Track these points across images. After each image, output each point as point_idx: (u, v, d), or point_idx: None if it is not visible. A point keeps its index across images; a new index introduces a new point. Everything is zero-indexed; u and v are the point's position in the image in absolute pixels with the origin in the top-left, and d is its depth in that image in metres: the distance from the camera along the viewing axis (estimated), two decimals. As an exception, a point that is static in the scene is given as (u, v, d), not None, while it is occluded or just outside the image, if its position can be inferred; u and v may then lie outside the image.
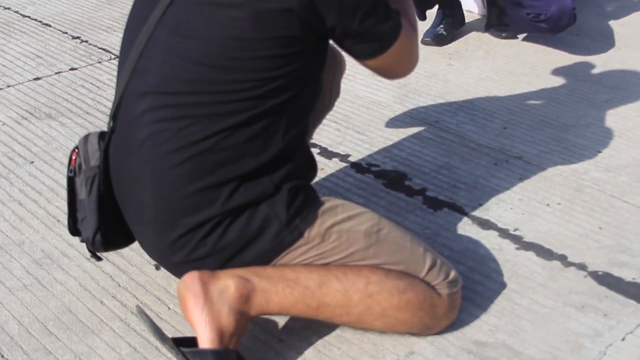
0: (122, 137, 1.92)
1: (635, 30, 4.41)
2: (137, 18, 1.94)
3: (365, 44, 1.89)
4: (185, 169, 1.81)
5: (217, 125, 1.79)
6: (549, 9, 3.66)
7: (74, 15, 4.67)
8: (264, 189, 1.85)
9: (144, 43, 1.86)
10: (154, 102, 1.83)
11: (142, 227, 1.95)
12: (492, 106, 3.43)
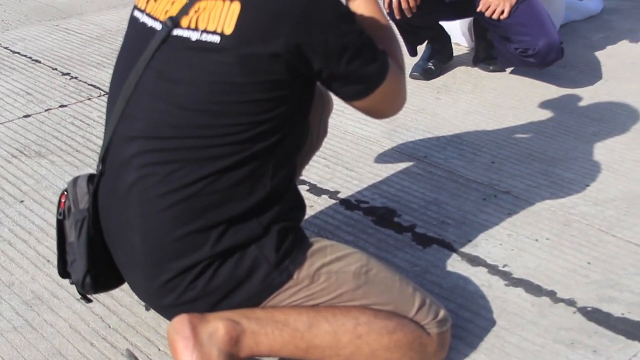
0: (111, 180, 1.93)
1: (621, 62, 4.45)
2: (125, 61, 1.96)
3: (352, 85, 1.89)
4: (173, 213, 1.82)
5: (204, 169, 1.80)
6: (537, 44, 3.69)
7: (63, 51, 4.69)
8: (253, 232, 1.86)
9: (132, 88, 1.88)
10: (142, 147, 1.84)
11: (132, 270, 1.95)
12: (480, 140, 3.45)
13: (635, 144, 3.44)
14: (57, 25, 5.22)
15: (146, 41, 1.87)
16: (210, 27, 1.77)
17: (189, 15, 1.81)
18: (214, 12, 1.77)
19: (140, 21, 1.93)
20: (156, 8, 1.89)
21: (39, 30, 5.11)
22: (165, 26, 1.83)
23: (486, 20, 3.89)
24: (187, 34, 1.80)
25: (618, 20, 5.25)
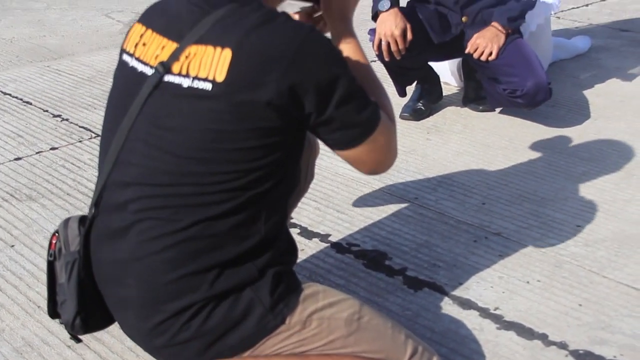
0: (105, 224, 1.92)
1: (610, 100, 4.48)
2: (116, 107, 1.96)
3: (341, 132, 1.87)
4: (168, 256, 1.82)
5: (199, 215, 1.80)
6: (525, 85, 3.71)
7: (54, 92, 4.71)
8: (248, 275, 1.86)
9: (125, 134, 1.88)
10: (137, 193, 1.84)
11: (124, 311, 1.94)
12: (470, 181, 3.46)
13: (625, 183, 3.45)
14: (48, 66, 5.24)
15: (137, 86, 1.86)
16: (201, 74, 1.76)
17: (180, 61, 1.80)
18: (205, 58, 1.77)
19: (130, 65, 1.92)
20: (146, 52, 1.89)
21: (30, 72, 5.12)
22: (156, 72, 1.83)
23: (474, 61, 3.92)
24: (179, 81, 1.79)
25: (606, 58, 5.30)
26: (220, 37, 1.77)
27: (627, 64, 5.17)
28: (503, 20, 3.82)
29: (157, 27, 1.89)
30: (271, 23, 1.77)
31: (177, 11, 1.88)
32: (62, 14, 6.68)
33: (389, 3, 3.76)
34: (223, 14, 1.80)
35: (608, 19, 6.41)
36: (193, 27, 1.81)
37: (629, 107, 4.39)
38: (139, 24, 1.94)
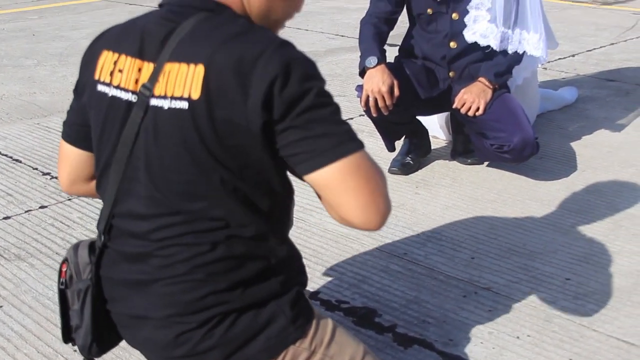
0: (119, 250, 1.89)
1: (598, 151, 4.51)
2: (107, 140, 1.86)
3: (310, 140, 1.68)
4: (196, 277, 1.80)
5: (220, 236, 1.79)
6: (512, 140, 3.73)
7: (44, 150, 4.72)
8: (272, 290, 1.85)
9: (124, 163, 1.83)
10: (154, 224, 1.81)
11: (139, 326, 1.91)
12: (460, 235, 3.47)
13: (613, 235, 3.47)
14: (38, 123, 5.26)
15: (125, 114, 1.82)
16: (177, 92, 1.72)
17: (160, 82, 1.76)
18: (180, 76, 1.73)
19: (110, 95, 1.85)
20: (125, 79, 1.83)
21: (20, 129, 5.13)
22: (141, 96, 1.79)
23: (462, 116, 3.95)
24: (161, 103, 1.75)
25: (593, 109, 5.34)
26: (192, 53, 1.73)
27: (614, 115, 5.22)
28: (490, 76, 3.85)
29: (129, 50, 1.83)
30: (245, 34, 1.74)
31: (145, 29, 1.84)
32: (52, 70, 6.71)
33: (376, 60, 3.80)
34: (193, 25, 1.77)
35: (594, 69, 6.47)
36: (165, 43, 1.78)
37: (616, 158, 4.41)
38: (108, 52, 1.87)
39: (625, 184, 4.05)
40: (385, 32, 4.05)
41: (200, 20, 1.77)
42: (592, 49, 7.26)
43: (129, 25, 1.90)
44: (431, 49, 4.03)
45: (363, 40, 3.96)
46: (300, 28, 8.31)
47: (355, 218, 1.68)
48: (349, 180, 1.66)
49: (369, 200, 1.66)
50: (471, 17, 3.87)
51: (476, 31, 3.86)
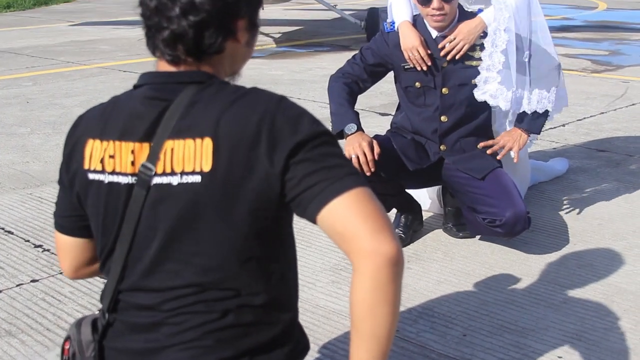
0: (125, 322, 1.88)
1: (589, 224, 4.53)
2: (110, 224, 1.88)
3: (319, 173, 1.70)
4: (206, 343, 1.81)
5: (229, 305, 1.81)
6: (504, 215, 3.76)
7: (36, 221, 4.72)
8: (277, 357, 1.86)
9: (129, 242, 1.84)
10: (164, 297, 1.81)
11: None
12: (451, 312, 3.46)
13: (605, 311, 3.47)
14: (30, 193, 5.26)
15: (125, 198, 1.83)
16: (187, 168, 1.75)
17: (162, 160, 1.77)
18: (188, 151, 1.75)
19: (106, 182, 1.85)
20: (119, 163, 1.84)
21: (13, 199, 5.14)
22: (142, 176, 1.79)
23: (453, 190, 3.98)
24: (168, 180, 1.77)
25: (584, 180, 5.38)
26: (195, 126, 1.76)
27: (604, 186, 5.25)
28: (525, 125, 4.06)
29: (117, 135, 1.84)
30: (242, 98, 1.78)
31: (132, 111, 1.85)
32: (45, 139, 6.73)
33: (355, 126, 3.86)
34: (188, 100, 1.80)
35: (585, 139, 6.53)
36: (160, 122, 1.80)
37: (607, 231, 4.43)
38: (93, 140, 1.87)
39: (616, 257, 4.06)
40: (356, 93, 4.11)
41: (194, 94, 1.80)
42: (583, 118, 7.33)
43: (110, 109, 1.90)
44: (422, 123, 4.07)
45: (336, 100, 4.01)
46: (292, 96, 8.35)
47: (373, 247, 1.63)
48: (363, 207, 1.66)
49: (383, 225, 1.65)
50: (482, 78, 3.93)
51: (486, 91, 3.93)
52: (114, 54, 12.02)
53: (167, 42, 1.81)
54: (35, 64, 11.02)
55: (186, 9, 1.78)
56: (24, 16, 19.61)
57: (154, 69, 1.88)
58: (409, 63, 4.00)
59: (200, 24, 1.79)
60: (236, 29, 1.85)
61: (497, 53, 3.89)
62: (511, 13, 3.89)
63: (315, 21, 17.19)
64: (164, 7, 1.80)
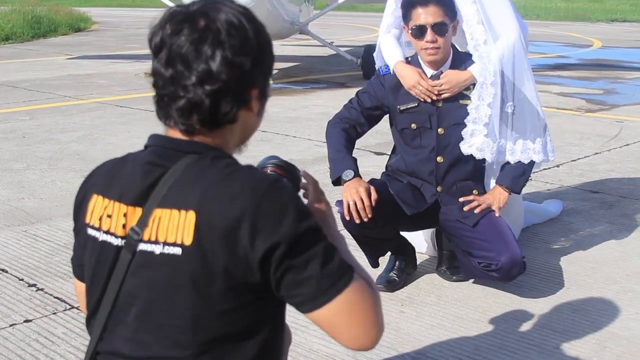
0: None
1: (582, 267, 4.54)
2: (97, 282, 1.90)
3: (306, 286, 1.76)
4: None
5: None
6: (500, 260, 3.77)
7: (31, 260, 4.71)
8: None
9: (110, 305, 1.86)
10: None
11: None
12: (444, 356, 3.47)
13: (597, 356, 3.48)
14: (25, 230, 5.26)
15: (114, 259, 1.85)
16: (170, 238, 1.76)
17: (149, 227, 1.80)
18: (172, 222, 1.77)
19: (100, 240, 1.89)
20: (114, 224, 1.87)
21: (7, 237, 5.14)
22: (130, 241, 1.82)
23: (448, 233, 3.99)
24: (151, 248, 1.79)
25: (578, 222, 5.39)
26: (182, 198, 1.77)
27: (598, 228, 5.27)
28: (506, 182, 4.06)
29: (116, 195, 1.87)
30: (231, 176, 1.79)
31: (132, 174, 1.87)
32: (41, 175, 6.74)
33: (352, 173, 3.87)
34: (181, 170, 1.81)
35: (579, 180, 6.56)
36: (153, 189, 1.82)
37: (600, 275, 4.45)
38: (97, 196, 1.91)
39: (609, 302, 4.07)
40: (354, 138, 4.13)
41: (188, 165, 1.82)
42: (577, 159, 7.37)
43: (117, 167, 1.93)
44: (418, 164, 4.09)
45: (334, 146, 4.02)
46: (288, 135, 8.42)
47: (351, 345, 1.83)
48: (344, 316, 1.78)
49: (361, 332, 1.80)
50: (468, 131, 3.95)
51: (472, 144, 3.95)
52: (112, 88, 12.08)
53: (183, 112, 1.83)
54: (32, 97, 11.07)
55: (203, 77, 1.80)
56: (22, 48, 19.70)
57: (164, 130, 1.91)
58: (404, 105, 4.03)
59: (216, 93, 1.81)
60: (250, 98, 1.88)
61: (484, 106, 3.93)
62: (496, 67, 3.93)
63: (312, 57, 17.28)
64: (180, 76, 1.81)
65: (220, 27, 1.81)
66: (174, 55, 1.80)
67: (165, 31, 1.82)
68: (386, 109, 4.16)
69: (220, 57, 1.79)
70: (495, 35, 3.98)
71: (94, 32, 26.62)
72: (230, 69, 1.80)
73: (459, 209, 4.00)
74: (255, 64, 1.85)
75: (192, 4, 1.86)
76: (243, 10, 1.89)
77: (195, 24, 1.81)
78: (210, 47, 1.79)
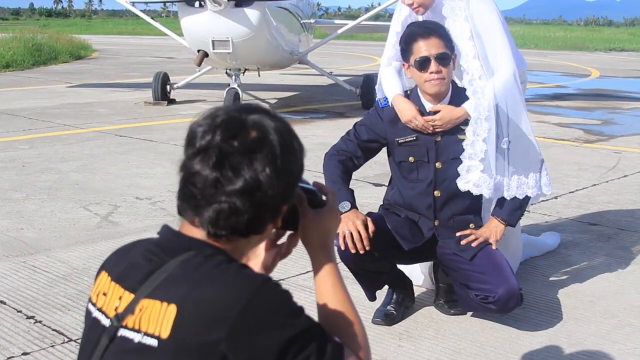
0: None
1: (580, 301, 4.54)
2: (84, 356, 1.95)
3: None
4: None
5: None
6: (497, 292, 3.78)
7: (29, 291, 4.71)
8: None
9: None
10: None
11: None
12: (442, 393, 3.47)
13: (595, 392, 3.47)
14: (24, 262, 5.26)
15: (98, 337, 1.87)
16: (150, 329, 1.77)
17: (135, 315, 1.81)
18: (153, 313, 1.78)
19: (93, 316, 1.92)
20: (107, 303, 1.89)
21: (6, 268, 5.14)
22: (112, 325, 1.84)
23: (446, 266, 4.00)
24: (132, 335, 1.80)
25: (575, 255, 5.40)
26: (168, 291, 1.78)
27: (596, 261, 5.28)
28: (503, 215, 4.06)
29: (117, 276, 1.90)
30: (220, 276, 1.77)
31: (136, 259, 1.89)
32: (40, 205, 6.75)
33: (349, 204, 3.88)
34: (177, 264, 1.81)
35: (577, 212, 6.57)
36: (148, 278, 1.83)
37: (598, 308, 4.45)
38: (104, 273, 1.95)
39: (607, 336, 4.07)
40: (351, 170, 4.14)
41: (183, 261, 1.82)
42: (575, 190, 7.39)
43: (128, 249, 1.96)
44: (415, 198, 4.10)
45: (330, 178, 4.04)
46: (287, 164, 8.43)
47: None
48: None
49: None
50: (464, 167, 3.97)
51: (469, 180, 3.96)
52: (111, 117, 12.12)
53: (218, 216, 1.82)
54: (32, 126, 11.11)
55: (251, 188, 1.80)
56: (22, 76, 19.79)
57: (178, 224, 1.92)
58: (403, 138, 4.05)
59: (261, 205, 1.82)
60: (280, 213, 1.90)
61: (479, 142, 3.94)
62: (490, 102, 3.95)
63: (311, 86, 17.36)
64: (226, 181, 1.80)
65: (274, 142, 1.81)
66: (224, 160, 1.79)
67: (216, 136, 1.80)
68: (384, 142, 4.17)
69: (270, 171, 1.80)
70: (491, 71, 4.01)
71: (94, 60, 26.78)
72: (277, 183, 1.81)
73: (456, 243, 4.01)
74: (295, 181, 1.89)
75: (240, 110, 1.86)
76: (288, 126, 1.89)
77: (248, 134, 1.81)
78: (262, 159, 1.80)
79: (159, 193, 7.19)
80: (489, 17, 4.08)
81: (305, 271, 4.71)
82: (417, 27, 3.96)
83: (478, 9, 4.06)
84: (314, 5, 16.96)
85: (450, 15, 4.06)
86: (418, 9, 4.10)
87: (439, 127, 3.97)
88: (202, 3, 11.09)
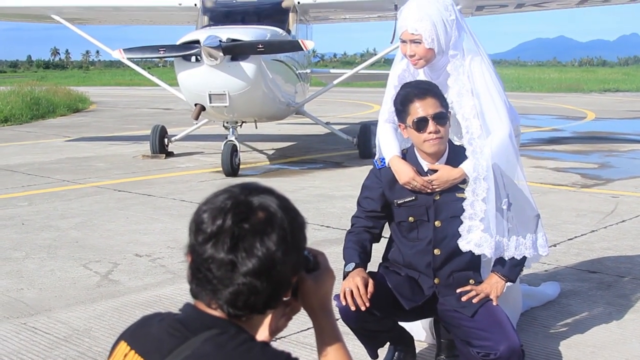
0: None
1: (581, 352, 4.54)
2: None
3: None
4: None
5: None
6: (498, 349, 3.77)
7: (30, 354, 4.70)
8: None
9: None
10: None
11: None
12: None
13: None
14: (24, 323, 5.26)
15: None
16: None
17: None
18: None
19: None
20: None
21: (6, 329, 5.13)
22: None
23: (446, 322, 4.00)
24: None
25: (575, 304, 5.40)
26: None
27: (597, 310, 5.28)
28: (503, 270, 4.05)
29: (140, 349, 1.92)
30: (245, 354, 1.81)
31: (159, 334, 1.91)
32: (40, 264, 6.75)
33: (354, 264, 3.90)
34: (199, 344, 1.83)
35: (576, 260, 6.58)
36: (169, 354, 1.85)
37: (600, 359, 4.45)
38: (124, 343, 1.97)
39: (609, 388, 4.08)
40: (366, 239, 4.13)
41: (206, 339, 1.85)
42: (574, 237, 7.40)
43: (150, 322, 1.99)
44: (415, 256, 4.11)
45: (345, 250, 4.06)
46: (286, 217, 8.43)
47: None
48: None
49: None
50: (465, 227, 3.98)
51: (470, 240, 3.97)
52: (110, 172, 12.16)
53: (237, 296, 1.87)
54: (31, 182, 11.14)
55: (263, 267, 1.84)
56: (20, 130, 19.88)
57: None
58: (402, 199, 4.07)
59: (276, 282, 1.88)
60: (292, 285, 1.96)
61: (479, 202, 3.97)
62: (488, 162, 3.97)
63: (308, 136, 17.44)
64: (242, 262, 1.85)
65: (282, 220, 1.87)
66: (238, 242, 1.84)
67: (227, 220, 1.85)
68: (388, 204, 4.19)
69: (282, 248, 1.85)
70: (488, 130, 4.04)
71: (92, 113, 26.91)
72: (289, 258, 1.87)
73: (457, 299, 4.01)
74: (303, 253, 1.96)
75: (242, 192, 1.92)
76: (289, 201, 1.96)
77: (257, 215, 1.86)
78: (273, 238, 1.85)
79: (159, 249, 7.20)
80: (485, 76, 4.12)
81: (306, 328, 4.70)
82: (413, 87, 4.00)
83: (475, 68, 4.11)
84: (310, 54, 17.08)
85: (453, 73, 4.11)
86: (419, 61, 4.14)
87: (437, 187, 4.00)
88: (199, 57, 11.16)
